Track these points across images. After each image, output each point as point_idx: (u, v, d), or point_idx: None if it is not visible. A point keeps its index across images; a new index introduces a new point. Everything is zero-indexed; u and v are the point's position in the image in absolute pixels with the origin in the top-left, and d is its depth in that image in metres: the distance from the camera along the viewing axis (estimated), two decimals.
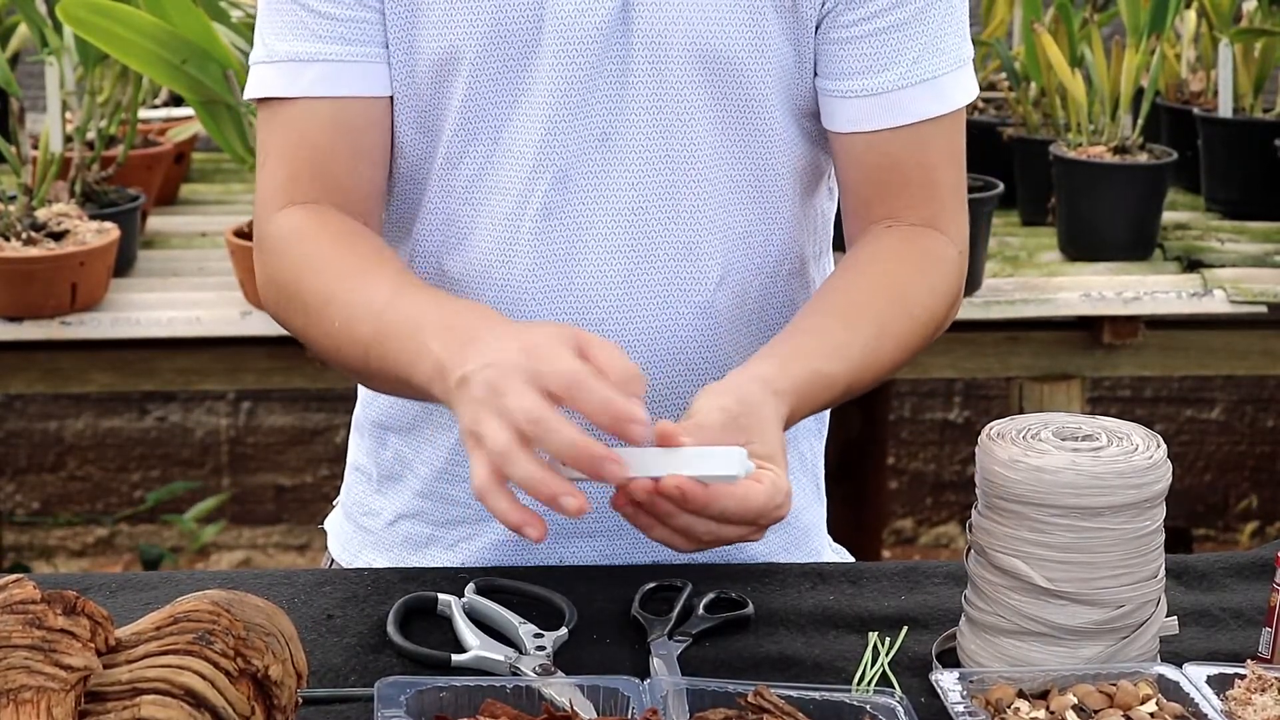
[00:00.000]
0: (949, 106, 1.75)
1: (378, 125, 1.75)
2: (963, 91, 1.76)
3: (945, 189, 1.78)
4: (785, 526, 1.86)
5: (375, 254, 1.69)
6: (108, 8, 2.91)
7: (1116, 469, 1.48)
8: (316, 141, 1.74)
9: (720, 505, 1.44)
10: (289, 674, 1.32)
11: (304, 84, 1.72)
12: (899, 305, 1.72)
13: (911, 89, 1.73)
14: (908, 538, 5.01)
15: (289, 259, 1.72)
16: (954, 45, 1.75)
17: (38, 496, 4.84)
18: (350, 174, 1.74)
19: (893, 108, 1.73)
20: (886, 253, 1.75)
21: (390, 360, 1.59)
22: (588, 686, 1.44)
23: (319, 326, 1.68)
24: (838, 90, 1.74)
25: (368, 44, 1.72)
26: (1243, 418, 4.96)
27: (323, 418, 4.84)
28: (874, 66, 1.72)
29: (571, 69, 1.69)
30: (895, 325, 1.71)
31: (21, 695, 1.21)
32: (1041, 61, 3.54)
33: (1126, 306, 3.27)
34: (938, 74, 1.73)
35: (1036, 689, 1.49)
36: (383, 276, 1.64)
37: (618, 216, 1.72)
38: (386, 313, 1.60)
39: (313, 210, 1.73)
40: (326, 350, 1.69)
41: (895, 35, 1.72)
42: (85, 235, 3.10)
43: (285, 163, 1.75)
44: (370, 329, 1.61)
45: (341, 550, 1.91)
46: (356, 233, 1.72)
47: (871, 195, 1.77)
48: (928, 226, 1.76)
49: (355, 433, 1.92)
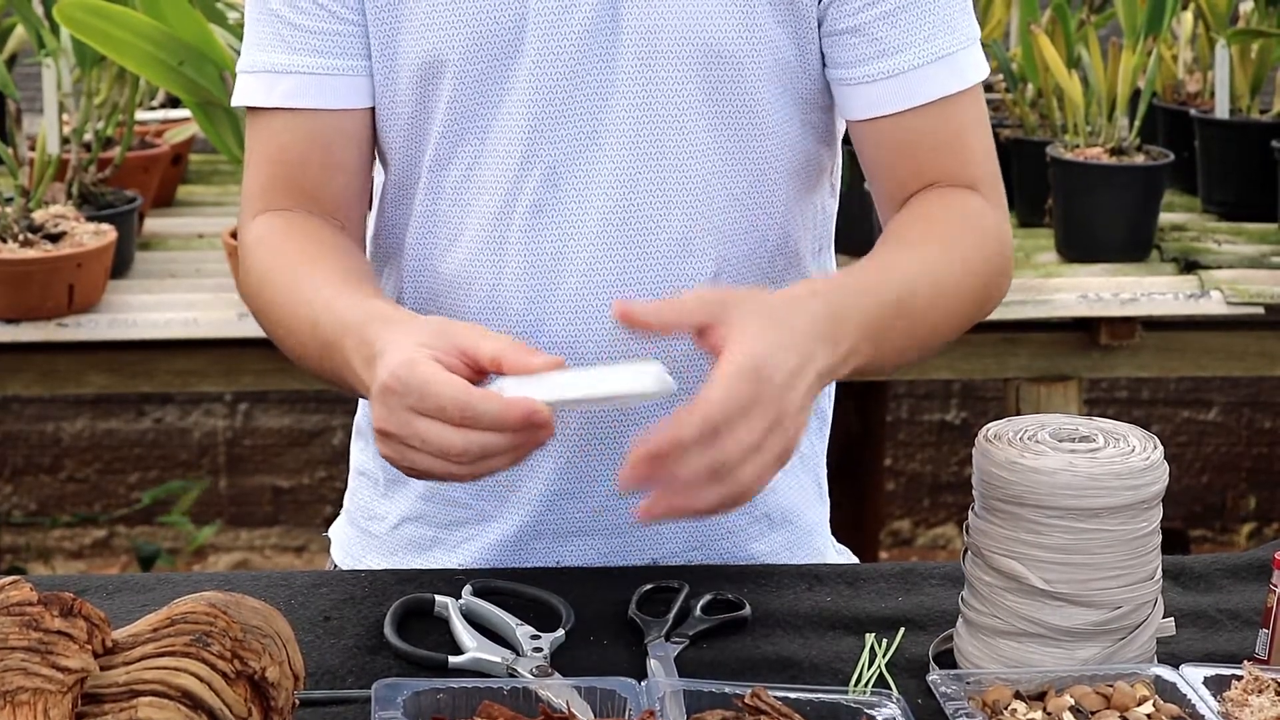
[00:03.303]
0: (966, 83, 1.74)
1: (353, 137, 1.76)
2: (976, 68, 1.74)
3: (978, 153, 1.76)
4: (788, 525, 1.86)
5: (317, 257, 1.70)
6: (104, 9, 2.91)
7: (1113, 470, 1.48)
8: (290, 152, 1.76)
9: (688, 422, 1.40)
10: (286, 675, 1.32)
11: (278, 95, 1.74)
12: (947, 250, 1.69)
13: (928, 67, 1.72)
14: (905, 539, 5.01)
15: (255, 266, 1.75)
16: (964, 23, 1.73)
17: (35, 498, 4.84)
18: (323, 184, 1.76)
19: (911, 88, 1.72)
20: (925, 207, 1.73)
21: (335, 373, 1.62)
22: (585, 688, 1.44)
23: (281, 338, 1.72)
24: (851, 78, 1.73)
25: (343, 57, 1.73)
26: (1240, 419, 4.96)
27: (320, 419, 4.84)
28: (887, 49, 1.71)
29: (555, 65, 1.68)
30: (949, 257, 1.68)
31: (18, 697, 1.21)
32: (1038, 63, 3.54)
33: (1124, 308, 3.27)
34: (952, 50, 1.72)
35: (1033, 690, 1.49)
36: (314, 284, 1.66)
37: (608, 213, 1.72)
38: (320, 327, 1.62)
39: (281, 219, 1.75)
40: (291, 357, 1.72)
41: (904, 16, 1.71)
42: (82, 237, 3.10)
43: (262, 171, 1.77)
44: (310, 340, 1.64)
45: (345, 556, 1.91)
46: (315, 237, 1.73)
47: (906, 175, 1.75)
48: (968, 189, 1.74)
49: (358, 438, 1.92)
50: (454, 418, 1.43)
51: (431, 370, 1.44)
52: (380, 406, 1.47)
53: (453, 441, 1.43)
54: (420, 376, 1.44)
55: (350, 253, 1.75)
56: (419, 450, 1.45)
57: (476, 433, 1.43)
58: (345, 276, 1.67)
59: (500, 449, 1.44)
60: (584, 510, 1.78)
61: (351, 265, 1.71)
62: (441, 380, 1.44)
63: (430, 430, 1.44)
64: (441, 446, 1.44)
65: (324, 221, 1.76)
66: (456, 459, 1.44)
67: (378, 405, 1.47)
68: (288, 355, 1.73)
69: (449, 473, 1.46)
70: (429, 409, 1.44)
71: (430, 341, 1.48)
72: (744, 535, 1.83)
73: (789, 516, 1.86)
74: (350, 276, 1.67)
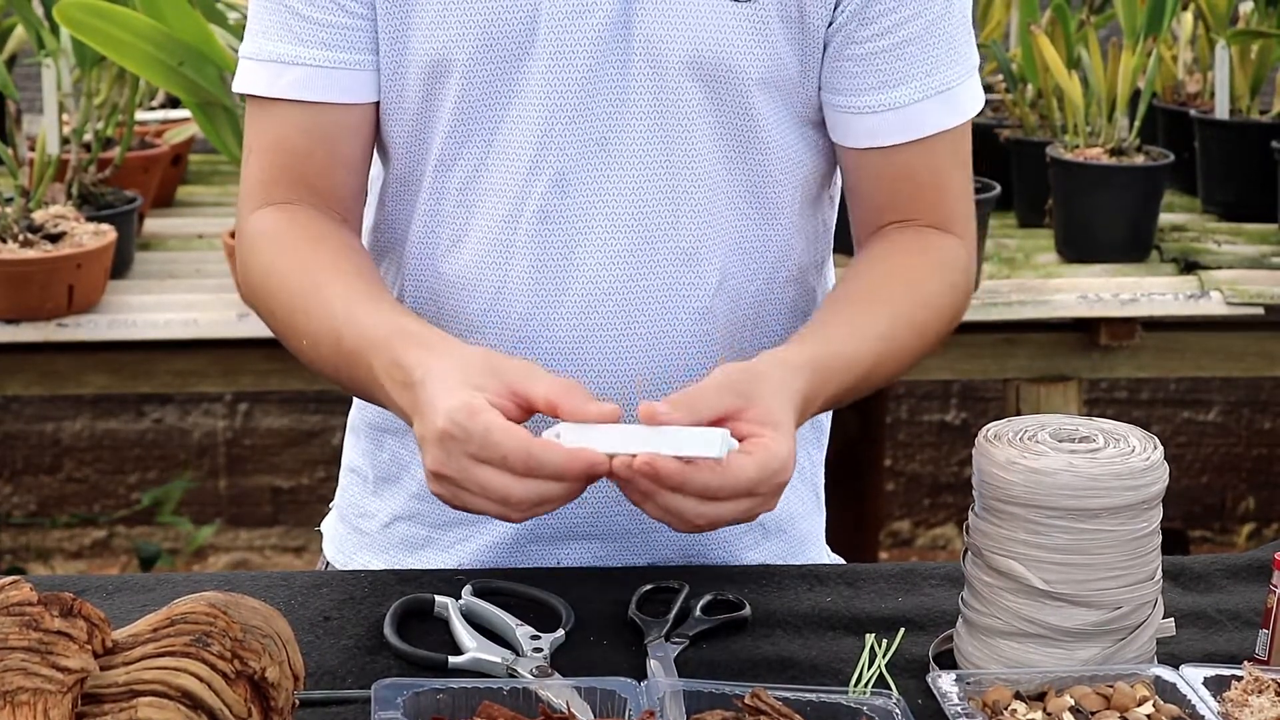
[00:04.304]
0: (961, 117, 1.76)
1: (356, 131, 1.76)
2: (973, 101, 1.77)
3: (955, 193, 1.79)
4: (783, 535, 1.86)
5: (334, 264, 1.70)
6: (104, 10, 2.91)
7: (1113, 470, 1.48)
8: (294, 144, 1.75)
9: (701, 481, 1.44)
10: (286, 676, 1.32)
11: (283, 86, 1.73)
12: (915, 295, 1.73)
13: (926, 102, 1.73)
14: (905, 539, 5.01)
15: (259, 262, 1.74)
16: (965, 54, 1.76)
17: (34, 498, 4.84)
18: (325, 177, 1.76)
19: (908, 122, 1.74)
20: (901, 249, 1.77)
21: (357, 384, 1.63)
22: (585, 688, 1.44)
23: (291, 340, 1.72)
24: (852, 106, 1.74)
25: (351, 50, 1.72)
26: (1239, 419, 4.96)
27: (319, 419, 4.84)
28: (889, 81, 1.72)
29: (569, 71, 1.68)
30: (913, 314, 1.72)
31: (18, 697, 1.21)
32: (1038, 63, 3.54)
33: (1123, 308, 3.27)
34: (951, 85, 1.74)
35: (1033, 690, 1.49)
36: (334, 293, 1.66)
37: (616, 221, 1.72)
38: (344, 339, 1.62)
39: (285, 212, 1.75)
40: (303, 359, 1.72)
41: (909, 50, 1.72)
42: (82, 237, 3.10)
43: (264, 162, 1.77)
44: (331, 352, 1.64)
45: (336, 552, 1.91)
46: (324, 236, 1.73)
47: (884, 203, 1.78)
48: (939, 229, 1.78)
49: (351, 435, 1.92)
50: (517, 469, 1.43)
51: (492, 419, 1.44)
52: (438, 450, 1.46)
53: (512, 490, 1.44)
54: (482, 425, 1.44)
55: (359, 252, 1.75)
56: (476, 495, 1.46)
57: (536, 481, 1.44)
58: (364, 284, 1.67)
59: (557, 497, 1.46)
60: (579, 514, 1.77)
61: (364, 266, 1.71)
62: (503, 429, 1.44)
63: (492, 480, 1.44)
64: (502, 495, 1.45)
65: (327, 216, 1.76)
66: (514, 506, 1.45)
67: (435, 449, 1.47)
68: (296, 354, 1.72)
69: (504, 515, 1.47)
70: (491, 459, 1.44)
71: (482, 383, 1.48)
72: (739, 544, 1.83)
73: (784, 526, 1.86)
74: (369, 284, 1.68)
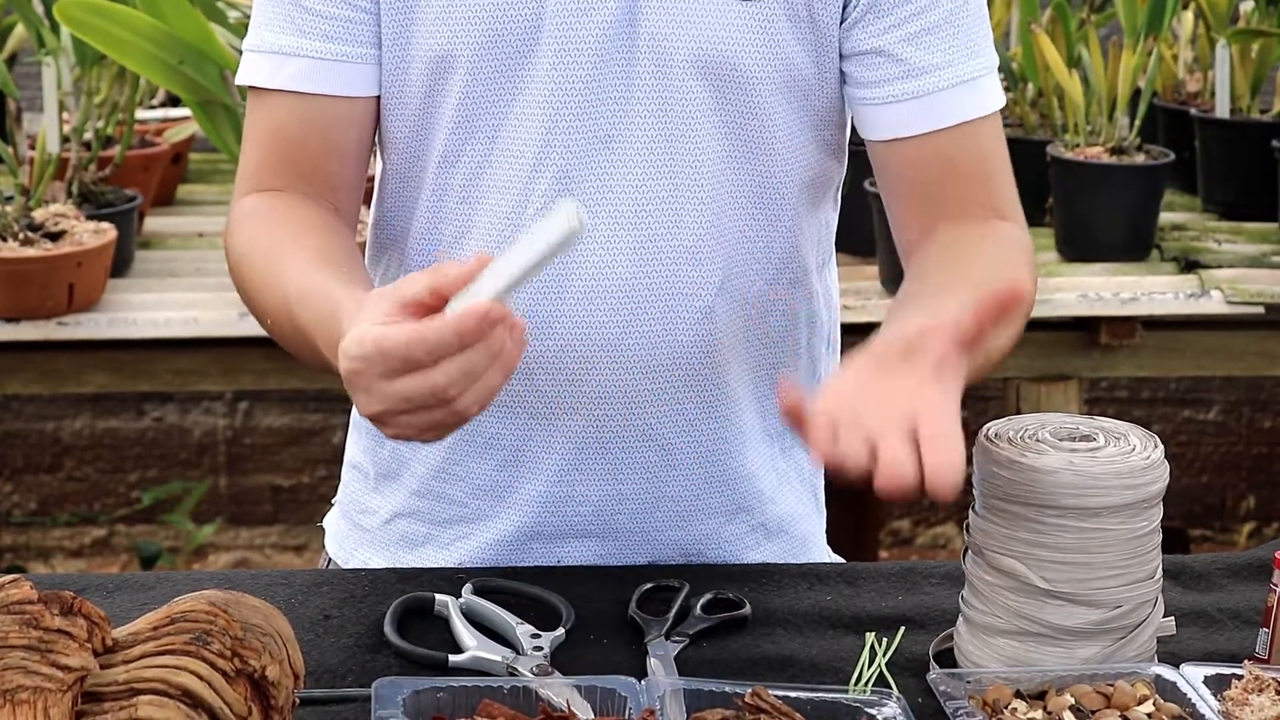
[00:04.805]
0: (989, 109, 1.75)
1: (354, 124, 1.76)
2: (996, 96, 1.76)
3: (1002, 179, 1.77)
4: (783, 536, 1.86)
5: (296, 239, 1.69)
6: (105, 8, 2.91)
7: (1114, 469, 1.48)
8: (290, 133, 1.76)
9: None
10: (286, 674, 1.32)
11: (284, 77, 1.74)
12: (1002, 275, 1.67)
13: (953, 90, 1.72)
14: (905, 538, 5.01)
15: (235, 243, 1.76)
16: (986, 49, 1.75)
17: (35, 497, 4.84)
18: (319, 167, 1.76)
19: (937, 109, 1.72)
20: (977, 237, 1.73)
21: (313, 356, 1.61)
22: (585, 687, 1.44)
23: (258, 315, 1.72)
24: (876, 98, 1.73)
25: (354, 44, 1.72)
26: (1240, 418, 4.96)
27: (320, 418, 4.84)
28: (912, 70, 1.72)
29: (574, 68, 1.68)
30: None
31: (18, 695, 1.21)
32: (1039, 62, 3.54)
33: (1124, 307, 3.27)
34: (976, 75, 1.73)
35: (1034, 689, 1.49)
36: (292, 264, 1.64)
37: (620, 219, 1.71)
38: (295, 315, 1.61)
39: (271, 197, 1.76)
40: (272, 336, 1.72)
41: (930, 39, 1.72)
42: (82, 236, 3.10)
43: (259, 150, 1.78)
44: (289, 328, 1.63)
45: (338, 548, 1.91)
46: (298, 217, 1.73)
47: (931, 196, 1.75)
48: (997, 218, 1.75)
49: (353, 431, 1.92)
50: (420, 359, 1.38)
51: (377, 332, 1.40)
52: (358, 394, 1.43)
53: (434, 381, 1.39)
54: (371, 342, 1.40)
55: (336, 232, 1.73)
56: (416, 410, 1.41)
57: (448, 360, 1.38)
58: (323, 258, 1.65)
59: (481, 363, 1.39)
60: (580, 513, 1.78)
61: (332, 245, 1.69)
62: (390, 335, 1.39)
63: (409, 385, 1.39)
64: (429, 391, 1.39)
65: (316, 203, 1.76)
66: (451, 397, 1.40)
67: (355, 394, 1.44)
68: (266, 332, 1.72)
69: (458, 414, 1.41)
70: (395, 367, 1.39)
71: (373, 314, 1.43)
72: (740, 544, 1.83)
73: (785, 527, 1.86)
74: (328, 257, 1.65)
